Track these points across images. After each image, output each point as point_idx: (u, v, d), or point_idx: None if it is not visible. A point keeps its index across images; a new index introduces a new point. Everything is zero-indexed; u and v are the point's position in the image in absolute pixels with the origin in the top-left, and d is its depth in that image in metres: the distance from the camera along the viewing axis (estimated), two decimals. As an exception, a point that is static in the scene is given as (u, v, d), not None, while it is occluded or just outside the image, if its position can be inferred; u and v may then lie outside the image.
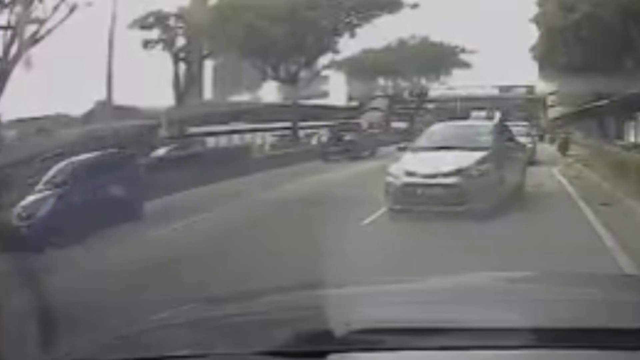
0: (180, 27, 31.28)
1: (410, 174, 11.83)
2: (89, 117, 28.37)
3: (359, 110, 50.89)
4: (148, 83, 47.56)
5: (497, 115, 18.39)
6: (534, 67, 37.98)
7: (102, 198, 13.20)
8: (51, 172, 13.93)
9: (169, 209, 14.17)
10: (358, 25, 34.91)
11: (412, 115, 48.04)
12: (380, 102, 52.30)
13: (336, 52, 37.25)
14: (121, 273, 8.74)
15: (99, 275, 8.73)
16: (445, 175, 11.56)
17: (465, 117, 20.45)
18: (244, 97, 47.92)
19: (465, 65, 50.35)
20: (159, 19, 31.12)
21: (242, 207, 14.55)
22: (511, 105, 48.70)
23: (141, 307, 5.59)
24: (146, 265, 9.15)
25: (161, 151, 23.37)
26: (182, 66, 31.98)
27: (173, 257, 9.49)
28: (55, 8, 20.42)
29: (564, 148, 25.81)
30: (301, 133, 35.41)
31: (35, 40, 20.27)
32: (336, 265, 6.17)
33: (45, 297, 6.04)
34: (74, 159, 14.69)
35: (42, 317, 5.24)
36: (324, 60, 38.26)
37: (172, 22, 31.46)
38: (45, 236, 11.56)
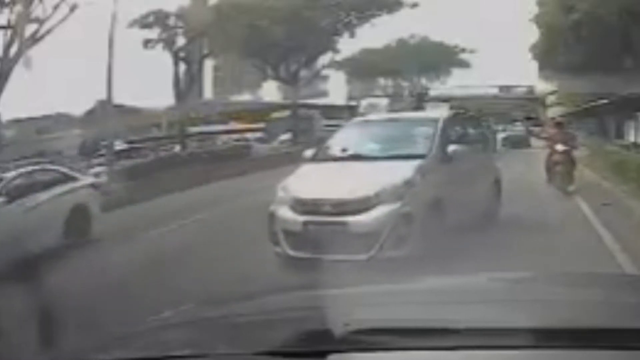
0: (180, 27, 31.23)
1: None
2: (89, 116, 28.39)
3: (358, 109, 50.86)
4: (147, 83, 47.46)
5: None
6: (534, 66, 38.00)
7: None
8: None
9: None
10: (358, 25, 34.88)
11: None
12: (380, 102, 52.29)
13: (336, 52, 37.24)
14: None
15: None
16: None
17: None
18: (244, 96, 47.90)
19: (465, 64, 50.38)
20: (159, 19, 31.09)
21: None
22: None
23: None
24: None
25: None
26: (183, 66, 31.95)
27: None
28: (56, 8, 20.40)
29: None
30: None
31: (35, 40, 20.24)
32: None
33: None
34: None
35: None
36: (324, 60, 38.25)
37: (172, 21, 31.42)
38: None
